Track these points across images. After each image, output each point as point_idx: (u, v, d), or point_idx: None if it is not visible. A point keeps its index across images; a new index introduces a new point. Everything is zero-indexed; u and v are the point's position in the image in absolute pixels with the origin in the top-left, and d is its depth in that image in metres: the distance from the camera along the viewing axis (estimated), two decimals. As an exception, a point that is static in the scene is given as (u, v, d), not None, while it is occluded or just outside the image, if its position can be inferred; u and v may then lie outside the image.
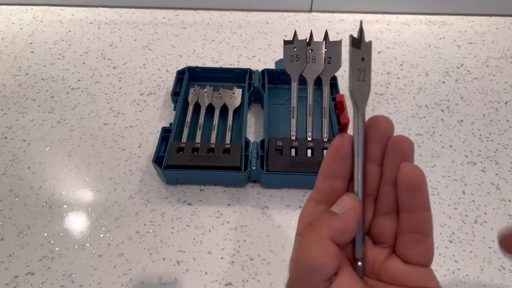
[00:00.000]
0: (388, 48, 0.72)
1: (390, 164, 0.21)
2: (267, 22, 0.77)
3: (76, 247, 0.44)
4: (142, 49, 0.70)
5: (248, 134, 0.56)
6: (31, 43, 0.71)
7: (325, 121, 0.51)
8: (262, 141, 0.50)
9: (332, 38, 0.54)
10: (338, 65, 0.52)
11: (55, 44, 0.71)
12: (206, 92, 0.57)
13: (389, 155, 0.21)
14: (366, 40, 0.21)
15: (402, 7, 0.79)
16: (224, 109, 0.56)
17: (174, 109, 0.57)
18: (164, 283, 0.41)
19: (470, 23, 0.78)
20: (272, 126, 0.55)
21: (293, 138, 0.50)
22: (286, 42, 0.52)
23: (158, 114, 0.59)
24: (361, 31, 0.21)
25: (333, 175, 0.22)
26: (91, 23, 0.76)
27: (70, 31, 0.74)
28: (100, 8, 0.79)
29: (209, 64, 0.67)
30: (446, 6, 0.79)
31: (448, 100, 0.62)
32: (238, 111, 0.57)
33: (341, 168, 0.22)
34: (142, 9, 0.79)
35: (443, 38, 0.75)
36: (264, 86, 0.59)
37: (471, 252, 0.44)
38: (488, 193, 0.50)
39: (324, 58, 0.52)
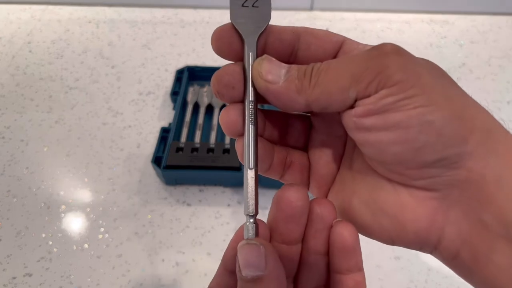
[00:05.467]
0: (389, 47, 0.71)
1: (314, 233, 0.19)
2: (267, 21, 0.76)
3: (75, 248, 0.43)
4: (141, 48, 0.70)
5: (248, 133, 0.55)
6: (29, 42, 0.70)
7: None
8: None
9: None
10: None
11: (53, 43, 0.70)
12: (205, 91, 0.57)
13: (313, 224, 0.19)
14: None
15: (403, 5, 0.79)
16: (224, 109, 0.56)
17: (173, 109, 0.57)
18: (163, 284, 0.40)
19: (472, 22, 0.78)
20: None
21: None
22: None
23: (157, 114, 0.58)
24: None
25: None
26: (89, 22, 0.75)
27: (68, 30, 0.73)
28: (98, 7, 0.79)
29: (209, 63, 0.67)
30: (448, 4, 0.78)
31: (450, 100, 0.62)
32: (238, 110, 0.56)
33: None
34: (141, 7, 0.79)
35: (445, 37, 0.74)
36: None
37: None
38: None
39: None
